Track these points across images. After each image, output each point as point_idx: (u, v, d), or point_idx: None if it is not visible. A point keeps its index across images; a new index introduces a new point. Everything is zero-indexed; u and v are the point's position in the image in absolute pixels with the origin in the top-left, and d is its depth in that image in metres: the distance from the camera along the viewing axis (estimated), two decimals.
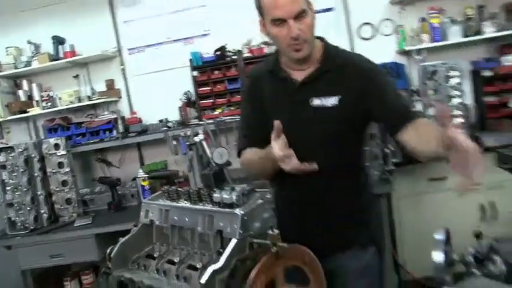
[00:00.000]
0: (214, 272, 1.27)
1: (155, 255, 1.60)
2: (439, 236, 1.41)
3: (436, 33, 3.79)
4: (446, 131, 1.28)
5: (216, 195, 1.43)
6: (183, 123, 3.72)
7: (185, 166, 3.56)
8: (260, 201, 1.45)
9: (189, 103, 3.77)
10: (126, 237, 1.65)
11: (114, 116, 3.71)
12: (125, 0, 3.97)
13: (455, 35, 3.80)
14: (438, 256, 1.35)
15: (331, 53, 1.74)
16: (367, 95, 1.67)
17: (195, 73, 3.66)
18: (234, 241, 1.34)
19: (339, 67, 1.70)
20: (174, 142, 3.44)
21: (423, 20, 3.87)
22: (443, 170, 3.29)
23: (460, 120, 3.39)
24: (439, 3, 3.86)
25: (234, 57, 3.67)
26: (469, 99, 3.77)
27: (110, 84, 3.98)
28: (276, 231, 1.29)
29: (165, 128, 3.63)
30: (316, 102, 1.68)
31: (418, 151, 1.55)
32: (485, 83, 3.79)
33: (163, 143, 3.67)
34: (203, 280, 1.26)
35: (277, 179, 1.75)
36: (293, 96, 1.72)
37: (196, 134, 3.38)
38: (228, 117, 3.54)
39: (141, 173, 3.50)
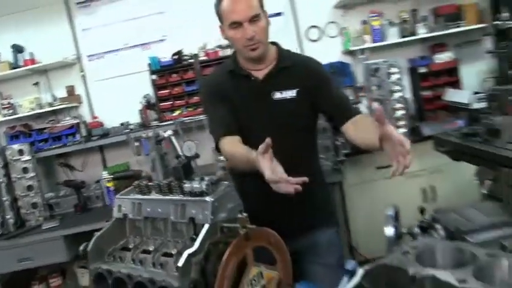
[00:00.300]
0: (190, 256, 1.32)
1: (130, 247, 1.62)
2: (390, 212, 1.50)
3: (376, 34, 3.97)
4: (382, 127, 1.40)
5: (187, 185, 1.48)
6: (143, 125, 3.72)
7: (148, 166, 3.57)
8: (227, 189, 1.52)
9: (149, 106, 3.76)
10: (101, 231, 1.66)
11: (76, 120, 3.65)
12: (83, 8, 3.91)
13: (393, 36, 4.00)
14: (389, 230, 1.44)
15: (284, 54, 1.88)
16: (317, 91, 1.82)
17: (154, 77, 3.67)
18: (206, 226, 1.39)
19: (293, 66, 1.83)
20: (137, 143, 3.43)
21: (364, 22, 4.04)
22: (388, 158, 3.47)
23: (402, 112, 3.58)
24: (378, 7, 4.04)
25: (190, 60, 3.70)
26: (408, 93, 3.99)
27: (71, 90, 3.90)
28: (245, 214, 1.36)
29: (127, 130, 3.61)
30: (277, 95, 1.80)
31: (358, 142, 1.73)
32: (421, 78, 4.01)
33: (125, 145, 3.64)
34: (180, 263, 1.31)
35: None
36: (256, 92, 1.82)
37: (158, 135, 3.40)
38: (187, 118, 3.57)
39: (105, 175, 3.47)
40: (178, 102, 3.70)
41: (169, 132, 2.93)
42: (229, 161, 1.89)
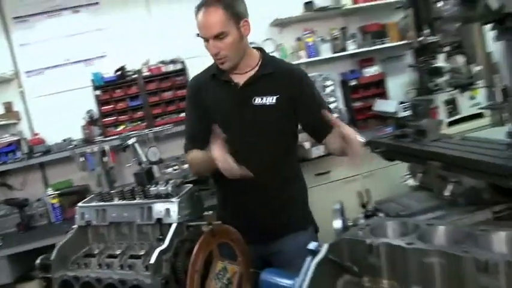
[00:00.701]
0: (161, 252, 1.40)
1: (95, 253, 1.65)
2: (337, 206, 1.66)
3: (310, 50, 4.24)
4: (339, 129, 1.60)
5: (153, 189, 1.55)
6: (87, 140, 3.68)
7: (92, 182, 3.55)
8: (190, 191, 1.61)
9: (92, 121, 3.74)
10: (64, 240, 1.67)
11: (16, 137, 3.54)
12: (20, 23, 3.83)
13: (326, 51, 4.28)
14: (337, 223, 1.60)
15: (267, 60, 1.92)
16: (298, 100, 1.88)
17: (98, 92, 3.66)
18: (174, 225, 1.47)
19: (275, 72, 1.87)
20: (82, 159, 3.41)
21: (299, 39, 4.29)
22: (326, 165, 3.71)
23: None
24: (311, 25, 4.31)
25: (134, 76, 3.73)
26: (341, 104, 4.28)
27: (8, 106, 3.77)
28: (211, 212, 1.46)
29: (71, 146, 3.56)
30: (258, 101, 1.84)
31: (336, 153, 1.87)
32: (352, 90, 4.32)
33: (67, 161, 3.60)
34: (152, 260, 1.38)
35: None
36: (236, 97, 1.86)
37: (103, 150, 3.41)
38: (132, 132, 3.59)
39: (50, 191, 3.40)
40: (122, 117, 3.70)
41: (133, 140, 2.97)
42: (193, 168, 1.96)
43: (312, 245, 1.11)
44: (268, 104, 1.84)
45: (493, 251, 0.84)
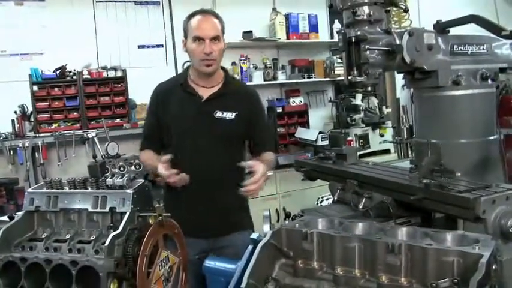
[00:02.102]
0: (114, 237, 1.52)
1: (42, 237, 1.70)
2: (266, 213, 1.88)
3: (244, 75, 4.52)
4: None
5: (109, 180, 1.67)
6: (17, 135, 3.60)
7: (21, 176, 3.47)
8: (142, 185, 1.75)
9: (23, 116, 3.66)
10: (9, 223, 1.71)
11: None
12: None
13: (257, 78, 4.60)
14: (266, 227, 1.82)
15: (230, 79, 2.16)
16: (251, 118, 2.14)
17: (35, 88, 3.61)
18: (127, 214, 1.60)
19: (236, 91, 2.13)
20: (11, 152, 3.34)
21: (234, 63, 4.56)
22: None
23: None
24: (247, 52, 4.61)
25: (74, 77, 3.74)
26: None
27: None
28: (162, 204, 1.61)
29: (1, 139, 3.46)
30: (219, 114, 2.06)
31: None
32: (277, 117, 4.66)
33: None
34: (106, 243, 1.50)
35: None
36: (199, 108, 2.06)
37: (35, 144, 3.38)
38: (66, 132, 3.58)
39: None
40: (57, 115, 3.68)
41: (93, 133, 3.03)
42: (145, 167, 2.15)
43: (254, 235, 1.33)
44: (227, 118, 2.07)
45: (397, 238, 1.11)
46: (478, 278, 0.86)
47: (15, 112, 3.64)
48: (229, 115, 2.08)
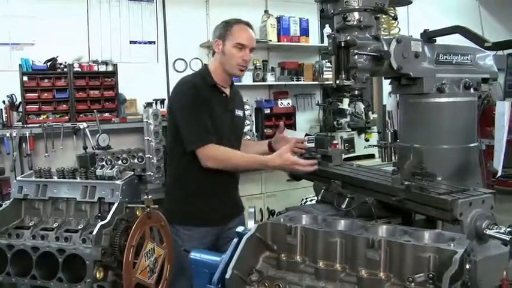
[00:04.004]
0: (102, 226, 1.54)
1: (29, 225, 1.71)
2: (251, 210, 1.93)
3: None
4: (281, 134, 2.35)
5: (99, 171, 1.69)
6: (5, 124, 3.57)
7: (6, 166, 3.45)
8: (131, 177, 1.77)
9: (12, 106, 3.64)
10: None
11: None
12: None
13: (247, 79, 4.61)
14: (251, 223, 1.86)
15: (233, 83, 2.38)
16: (244, 112, 2.47)
17: (25, 78, 3.59)
18: (115, 205, 1.62)
19: (236, 91, 2.40)
20: None
21: None
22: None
23: None
24: None
25: (64, 69, 3.73)
26: (253, 128, 4.61)
27: None
28: (150, 196, 1.63)
29: None
30: (236, 112, 2.32)
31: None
32: (265, 118, 4.69)
33: None
34: (94, 232, 1.52)
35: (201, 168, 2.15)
36: (227, 106, 2.26)
37: (23, 135, 3.37)
38: (54, 124, 3.57)
39: None
40: (46, 107, 3.66)
41: (85, 125, 3.15)
42: (221, 163, 2.13)
43: (239, 228, 1.36)
44: (241, 115, 2.37)
45: (378, 235, 1.15)
46: (451, 273, 0.91)
47: (4, 102, 3.61)
48: (241, 112, 2.38)
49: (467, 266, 1.04)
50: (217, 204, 2.24)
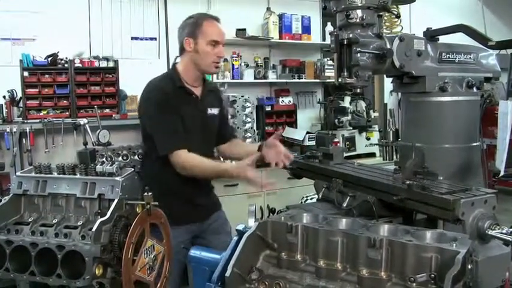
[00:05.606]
0: (102, 223, 1.53)
1: (28, 221, 1.71)
2: (252, 207, 1.92)
3: (235, 72, 4.54)
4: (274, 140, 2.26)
5: (99, 167, 1.68)
6: (5, 120, 3.57)
7: (7, 161, 3.44)
8: (131, 173, 1.76)
9: (12, 101, 3.63)
10: None
11: None
12: None
13: (248, 76, 4.61)
14: (251, 221, 1.85)
15: (206, 80, 2.33)
16: (222, 110, 2.40)
17: (26, 74, 3.58)
18: (115, 201, 1.61)
19: (212, 88, 2.37)
20: None
21: (226, 60, 4.56)
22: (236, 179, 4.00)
23: (249, 141, 4.14)
24: (239, 49, 4.63)
25: (65, 65, 3.71)
26: (255, 126, 4.60)
27: None
28: (150, 193, 1.62)
29: None
30: (210, 111, 2.27)
31: (232, 155, 2.50)
32: (266, 115, 4.68)
33: None
34: (94, 228, 1.51)
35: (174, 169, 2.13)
36: (197, 106, 2.21)
37: (23, 130, 3.36)
38: (55, 119, 3.56)
39: None
40: (46, 102, 3.65)
41: (85, 120, 3.14)
42: (189, 170, 2.11)
43: (240, 226, 1.35)
44: (215, 114, 2.30)
45: (379, 234, 1.14)
46: (453, 273, 0.90)
47: (4, 97, 3.60)
48: (215, 111, 2.32)
49: (469, 266, 1.03)
50: (192, 204, 2.25)
